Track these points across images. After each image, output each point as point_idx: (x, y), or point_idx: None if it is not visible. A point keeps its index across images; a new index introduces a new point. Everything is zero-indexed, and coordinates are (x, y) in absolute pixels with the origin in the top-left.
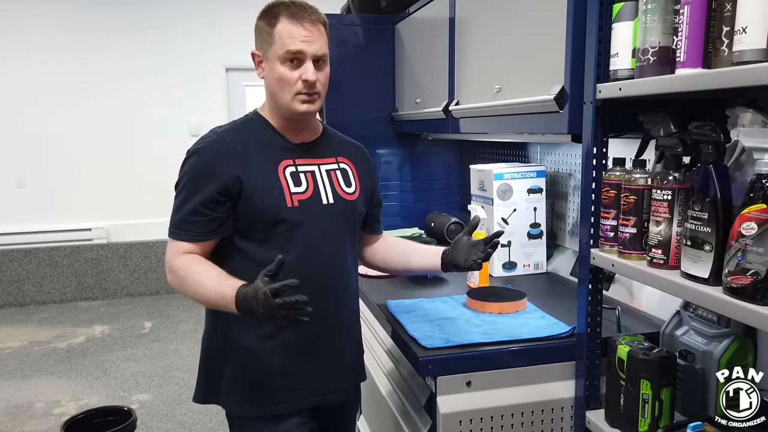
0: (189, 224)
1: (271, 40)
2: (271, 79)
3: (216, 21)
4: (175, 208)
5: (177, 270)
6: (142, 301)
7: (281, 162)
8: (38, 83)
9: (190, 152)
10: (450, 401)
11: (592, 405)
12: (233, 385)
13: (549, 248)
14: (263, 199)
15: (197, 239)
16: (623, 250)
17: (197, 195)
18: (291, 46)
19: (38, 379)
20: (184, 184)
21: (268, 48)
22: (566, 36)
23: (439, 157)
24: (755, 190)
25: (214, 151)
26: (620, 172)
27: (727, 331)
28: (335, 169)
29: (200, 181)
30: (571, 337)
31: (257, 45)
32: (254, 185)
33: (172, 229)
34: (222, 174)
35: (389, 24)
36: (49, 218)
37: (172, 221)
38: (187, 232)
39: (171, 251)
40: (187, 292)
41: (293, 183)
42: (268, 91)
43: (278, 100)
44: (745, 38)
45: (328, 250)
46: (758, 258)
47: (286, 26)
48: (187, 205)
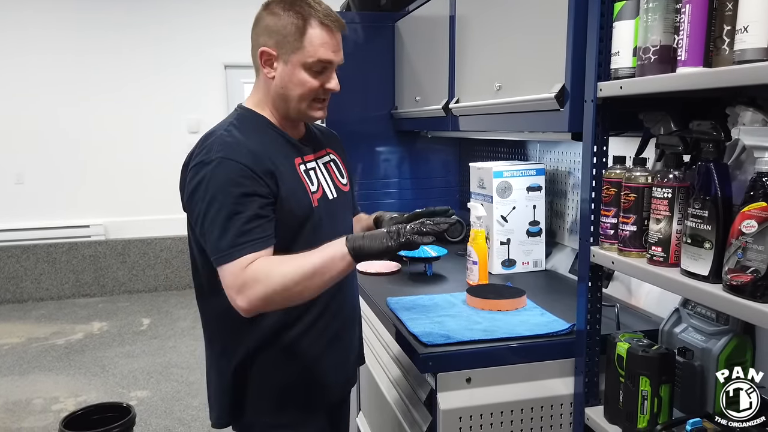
0: (248, 234)
1: (298, 44)
2: (289, 84)
3: (215, 18)
4: (221, 227)
5: (255, 277)
6: (140, 298)
7: (295, 160)
8: (37, 80)
9: (212, 160)
10: (450, 398)
11: (592, 402)
12: (263, 395)
13: (548, 246)
14: (296, 200)
15: (262, 246)
16: (623, 247)
17: (240, 197)
18: (324, 56)
19: (36, 375)
20: (223, 195)
21: (291, 51)
22: (567, 34)
23: (439, 155)
24: (756, 188)
25: (240, 153)
26: (620, 170)
27: (725, 328)
28: (329, 161)
29: (239, 182)
30: (570, 335)
31: (271, 43)
32: (287, 186)
33: (228, 250)
34: (261, 174)
35: (389, 22)
36: (47, 215)
37: (223, 243)
38: (249, 242)
39: (235, 273)
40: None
41: (309, 181)
42: (278, 92)
43: (291, 103)
44: (747, 37)
45: None
46: (758, 256)
47: (319, 33)
48: (238, 215)
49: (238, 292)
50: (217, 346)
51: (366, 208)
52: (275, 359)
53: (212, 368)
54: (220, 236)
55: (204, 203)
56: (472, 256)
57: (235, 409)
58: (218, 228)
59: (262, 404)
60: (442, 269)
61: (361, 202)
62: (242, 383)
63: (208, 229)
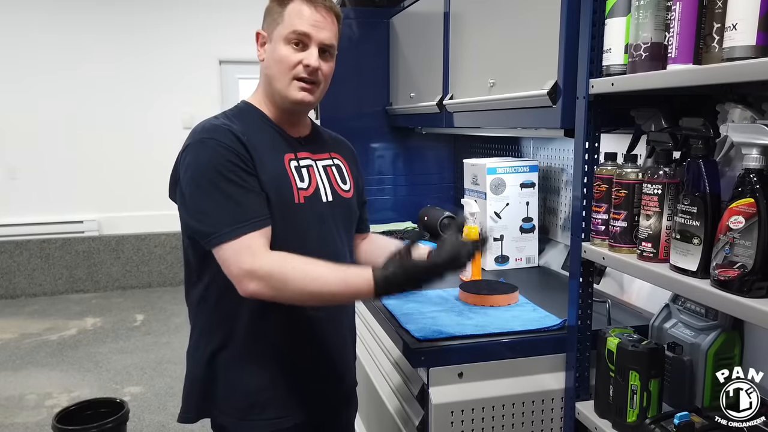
0: (248, 210)
1: (280, 19)
2: (271, 60)
3: (210, 14)
4: (218, 204)
5: (271, 270)
6: (133, 294)
7: (285, 153)
8: (30, 74)
9: (199, 140)
10: (442, 392)
11: (582, 396)
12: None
13: (541, 242)
14: (275, 191)
15: (265, 223)
16: (614, 243)
17: (239, 173)
18: (299, 27)
19: (30, 371)
20: (214, 173)
21: (274, 27)
22: (560, 31)
23: (433, 152)
24: (743, 185)
25: (223, 134)
26: (612, 166)
27: (714, 323)
28: (330, 165)
29: (233, 161)
30: (561, 330)
31: (264, 25)
32: (267, 174)
33: (231, 226)
34: (239, 150)
35: (384, 18)
36: (40, 210)
37: (223, 220)
38: (252, 219)
39: (243, 253)
40: (296, 294)
41: (298, 177)
42: (265, 74)
43: (274, 83)
44: (735, 35)
45: (331, 251)
46: (745, 251)
47: (298, 6)
48: (234, 190)
49: (248, 275)
50: (194, 335)
51: None
52: (245, 357)
53: (188, 358)
54: (217, 214)
55: (188, 184)
56: None
57: (202, 404)
58: (213, 207)
59: (229, 404)
60: None
61: None
62: (211, 378)
63: (196, 208)
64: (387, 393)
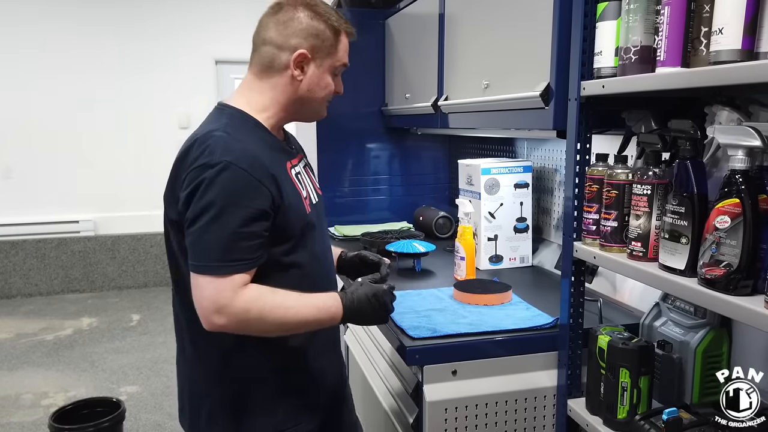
0: (240, 251)
1: (333, 50)
2: (316, 87)
3: (206, 13)
4: (215, 236)
5: (247, 307)
6: (129, 294)
7: (287, 164)
8: (26, 74)
9: (217, 163)
10: (436, 390)
11: (574, 393)
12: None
13: (535, 242)
14: (295, 206)
15: (252, 266)
16: (605, 243)
17: (244, 214)
18: (346, 61)
19: (25, 371)
20: (222, 205)
21: (326, 56)
22: (552, 34)
23: (428, 152)
24: (729, 185)
25: (249, 160)
26: (603, 167)
27: (703, 321)
28: (306, 165)
29: (245, 197)
30: (554, 328)
31: (308, 46)
32: (287, 192)
33: (218, 263)
34: (268, 184)
35: (379, 19)
36: (36, 210)
37: (212, 254)
38: (241, 261)
39: (220, 290)
40: (263, 326)
41: (301, 186)
42: (301, 95)
43: (312, 104)
44: (722, 39)
45: (327, 247)
46: (731, 250)
47: (346, 42)
48: (233, 229)
49: (218, 311)
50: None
51: (356, 205)
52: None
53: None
54: (212, 244)
55: (200, 205)
56: (459, 252)
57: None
58: (211, 237)
59: (220, 415)
60: (431, 265)
61: (351, 198)
62: (210, 388)
63: (198, 233)
64: (382, 391)
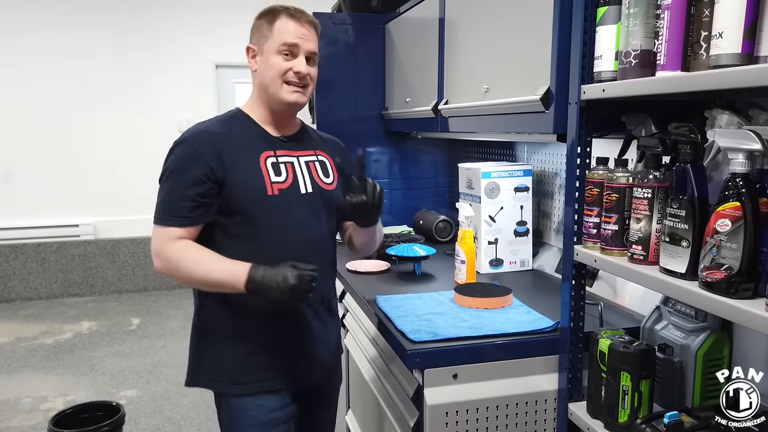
0: (178, 209)
1: (270, 34)
2: (264, 69)
3: (206, 18)
4: (162, 195)
5: (170, 255)
6: (129, 298)
7: (262, 152)
8: (26, 79)
9: (177, 142)
10: (437, 393)
11: (575, 397)
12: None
13: (535, 246)
14: (245, 186)
15: (186, 224)
16: (605, 246)
17: (184, 179)
18: (288, 39)
19: (25, 374)
20: (171, 170)
21: (264, 42)
22: (552, 38)
23: (429, 156)
24: (729, 189)
25: (200, 138)
26: (603, 170)
27: (704, 325)
28: (314, 161)
29: (187, 166)
30: (554, 332)
31: (253, 40)
32: (237, 173)
33: (160, 215)
34: (207, 158)
35: (380, 23)
36: (36, 214)
37: (160, 208)
38: (177, 217)
39: (160, 238)
40: (181, 275)
41: (274, 173)
42: (259, 82)
43: (269, 89)
44: (722, 43)
45: (307, 235)
46: (731, 253)
47: (284, 22)
48: (175, 191)
49: (156, 255)
50: (202, 299)
51: None
52: (240, 326)
53: (193, 325)
54: (160, 202)
55: (163, 171)
56: (460, 256)
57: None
58: (161, 196)
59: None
60: (431, 268)
61: None
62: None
63: (159, 193)
64: (382, 394)
